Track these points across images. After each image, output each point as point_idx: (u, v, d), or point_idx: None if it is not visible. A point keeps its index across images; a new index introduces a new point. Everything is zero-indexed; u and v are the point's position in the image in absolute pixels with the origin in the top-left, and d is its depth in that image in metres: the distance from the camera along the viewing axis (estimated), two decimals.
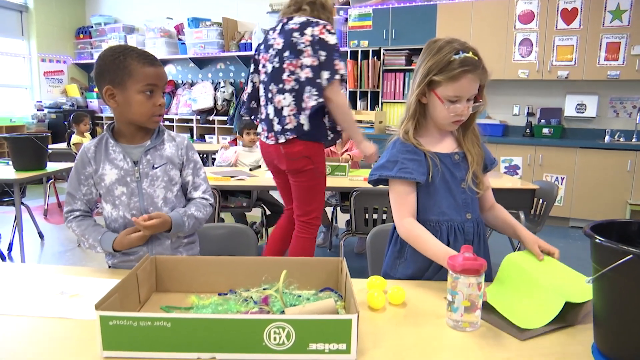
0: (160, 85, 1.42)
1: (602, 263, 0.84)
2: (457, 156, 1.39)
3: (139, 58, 1.38)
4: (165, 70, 1.47)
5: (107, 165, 1.44)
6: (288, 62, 2.33)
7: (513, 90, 5.30)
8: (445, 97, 1.30)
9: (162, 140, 1.50)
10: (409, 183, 1.34)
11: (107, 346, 0.90)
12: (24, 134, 3.64)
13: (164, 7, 7.38)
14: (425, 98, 1.35)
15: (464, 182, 1.37)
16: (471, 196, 1.38)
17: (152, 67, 1.39)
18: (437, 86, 1.30)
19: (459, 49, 1.28)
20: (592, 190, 4.58)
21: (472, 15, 5.01)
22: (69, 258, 3.75)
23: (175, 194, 1.50)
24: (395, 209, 1.36)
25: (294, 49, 2.32)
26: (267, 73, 2.44)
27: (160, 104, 1.42)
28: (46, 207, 5.14)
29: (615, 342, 0.88)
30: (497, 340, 0.99)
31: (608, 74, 4.58)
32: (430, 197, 1.36)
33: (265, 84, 2.46)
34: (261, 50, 2.51)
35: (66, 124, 6.57)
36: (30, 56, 7.56)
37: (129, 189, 1.44)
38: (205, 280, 1.22)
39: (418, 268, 1.38)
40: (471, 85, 1.29)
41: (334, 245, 4.02)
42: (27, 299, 1.18)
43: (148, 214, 1.41)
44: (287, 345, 0.88)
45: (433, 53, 1.32)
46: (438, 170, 1.35)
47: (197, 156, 1.58)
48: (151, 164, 1.45)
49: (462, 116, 1.32)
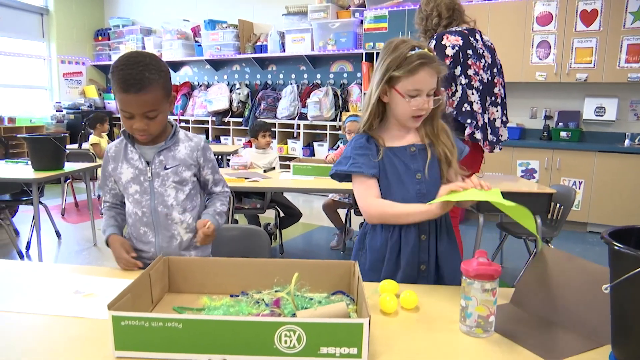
0: (137, 113, 1.37)
1: (621, 270, 0.82)
2: (414, 148, 1.44)
3: (117, 81, 1.34)
4: (150, 94, 1.36)
5: (124, 164, 1.51)
6: (497, 77, 2.62)
7: (530, 93, 5.23)
8: (405, 92, 1.36)
9: (176, 142, 1.53)
10: (366, 175, 1.41)
11: (119, 346, 0.90)
12: (43, 135, 3.70)
13: (181, 10, 7.46)
14: (386, 97, 1.41)
15: (420, 173, 1.41)
16: (430, 186, 1.40)
17: (124, 94, 1.34)
18: (397, 82, 1.37)
19: (414, 45, 1.36)
20: (611, 195, 4.50)
21: (489, 17, 4.96)
22: (85, 257, 3.79)
23: (186, 193, 1.54)
24: (360, 197, 1.44)
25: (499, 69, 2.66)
26: (483, 82, 2.55)
27: (136, 127, 1.39)
28: (64, 207, 5.22)
29: (634, 350, 0.85)
30: (511, 347, 0.97)
31: (629, 77, 4.49)
32: (385, 189, 1.42)
33: (482, 93, 2.55)
34: (470, 55, 2.53)
35: (84, 124, 6.67)
36: (50, 58, 7.70)
37: (142, 187, 1.51)
38: (217, 282, 1.23)
39: (375, 258, 1.44)
40: (429, 78, 1.36)
41: (347, 247, 4.01)
42: (43, 298, 1.19)
43: (157, 212, 1.50)
44: (297, 348, 0.88)
45: (390, 51, 1.39)
46: (387, 163, 1.41)
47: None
48: (163, 165, 1.50)
49: (423, 110, 1.38)
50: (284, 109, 6.34)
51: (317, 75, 6.52)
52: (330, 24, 5.94)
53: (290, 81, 6.69)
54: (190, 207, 1.55)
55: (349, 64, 6.26)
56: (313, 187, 3.21)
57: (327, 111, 6.03)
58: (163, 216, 1.52)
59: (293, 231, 4.41)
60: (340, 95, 6.14)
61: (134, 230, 1.56)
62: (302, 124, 6.28)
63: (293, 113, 6.32)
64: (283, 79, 6.78)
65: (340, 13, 6.03)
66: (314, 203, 5.24)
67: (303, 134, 6.31)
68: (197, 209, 1.59)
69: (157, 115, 1.41)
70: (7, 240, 3.94)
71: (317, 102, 6.04)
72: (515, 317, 1.11)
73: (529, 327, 1.05)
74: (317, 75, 6.51)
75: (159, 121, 1.44)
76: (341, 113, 6.05)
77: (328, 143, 6.12)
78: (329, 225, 4.25)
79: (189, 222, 1.55)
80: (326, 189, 3.17)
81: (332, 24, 5.93)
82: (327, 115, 6.04)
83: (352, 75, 6.24)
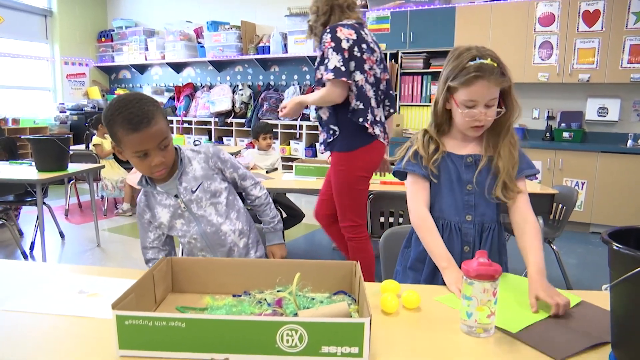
0: (152, 146, 1.36)
1: (620, 270, 0.83)
2: (470, 159, 1.41)
3: (123, 124, 1.31)
4: (158, 125, 1.34)
5: (158, 208, 1.53)
6: (384, 74, 2.56)
7: (533, 94, 5.23)
8: (461, 102, 1.34)
9: (188, 162, 1.53)
10: (421, 176, 1.42)
11: (123, 345, 0.91)
12: (47, 136, 3.72)
13: (183, 11, 7.48)
14: (449, 104, 1.40)
15: (471, 184, 1.40)
16: (479, 199, 1.40)
17: (136, 133, 1.31)
18: (454, 91, 1.35)
19: (476, 55, 1.31)
20: (614, 196, 4.49)
21: (492, 17, 4.97)
22: (89, 258, 3.81)
23: (224, 202, 1.56)
24: (409, 198, 1.45)
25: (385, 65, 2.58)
26: (376, 77, 2.49)
27: (156, 163, 1.38)
28: (67, 207, 5.24)
29: (634, 351, 0.86)
30: (512, 347, 0.98)
31: (631, 77, 4.49)
32: (435, 193, 1.43)
33: (376, 87, 2.49)
34: (364, 50, 2.40)
35: (87, 125, 6.69)
36: (54, 59, 7.73)
37: (185, 219, 1.53)
38: (220, 282, 1.23)
39: (418, 258, 1.46)
40: (486, 90, 1.31)
41: None
42: (47, 298, 1.20)
43: (207, 233, 1.54)
44: (299, 347, 0.88)
45: (452, 59, 1.36)
46: (442, 168, 1.42)
47: (226, 154, 1.63)
48: (189, 190, 1.51)
49: (480, 122, 1.34)
50: None
51: None
52: None
53: (292, 82, 6.70)
54: (234, 213, 1.59)
55: None
56: (315, 188, 3.21)
57: None
58: (213, 235, 1.54)
59: (295, 232, 4.42)
60: None
61: (192, 256, 1.59)
62: (304, 124, 6.29)
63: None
64: (285, 79, 6.79)
65: None
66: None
67: (305, 134, 6.32)
68: (241, 211, 1.63)
69: (169, 144, 1.41)
70: (12, 241, 3.96)
71: None
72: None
73: (531, 326, 1.06)
74: None
75: (171, 150, 1.44)
76: None
77: None
78: None
79: (239, 227, 1.58)
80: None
81: None
82: None
83: None
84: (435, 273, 1.40)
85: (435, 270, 1.40)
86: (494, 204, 1.42)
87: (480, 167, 1.39)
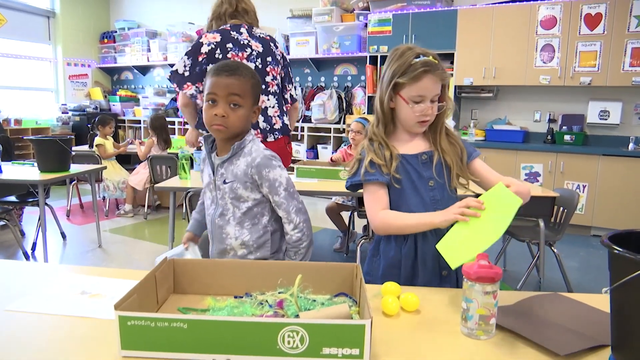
0: (222, 94, 1.40)
1: (620, 273, 0.83)
2: (425, 156, 1.45)
3: (214, 69, 1.43)
4: (239, 81, 1.42)
5: (206, 167, 1.57)
6: (272, 67, 2.62)
7: (534, 97, 5.23)
8: (409, 98, 1.39)
9: (239, 155, 1.49)
10: (378, 182, 1.43)
11: (126, 345, 0.92)
12: (49, 137, 3.72)
13: (185, 13, 7.50)
14: (392, 103, 1.43)
15: (432, 180, 1.44)
16: (443, 193, 1.43)
17: (217, 77, 1.41)
18: (402, 88, 1.39)
19: (419, 52, 1.38)
20: (615, 199, 4.49)
21: (494, 20, 4.98)
22: (90, 258, 3.82)
23: (244, 211, 1.50)
24: (369, 208, 1.45)
25: (274, 58, 2.64)
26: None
27: (217, 112, 1.40)
28: (69, 208, 5.25)
29: (634, 353, 0.86)
30: (512, 349, 0.98)
31: (633, 80, 4.49)
32: (399, 196, 1.43)
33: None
34: (230, 48, 2.51)
35: (89, 126, 6.71)
36: (56, 60, 7.75)
37: (212, 195, 1.56)
38: (222, 283, 1.24)
39: (390, 264, 1.46)
40: (433, 85, 1.38)
41: (350, 250, 4.02)
42: (49, 298, 1.21)
43: (215, 222, 1.54)
44: (300, 349, 0.89)
45: (396, 58, 1.41)
46: (401, 171, 1.43)
47: (275, 173, 1.48)
48: (223, 178, 1.50)
49: (427, 116, 1.41)
50: None
51: (321, 78, 6.54)
52: (335, 27, 5.96)
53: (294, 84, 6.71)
54: (249, 224, 1.51)
55: (353, 67, 6.28)
56: (317, 190, 3.22)
57: (331, 114, 6.05)
58: (218, 228, 1.53)
59: None
60: (344, 98, 6.16)
61: (206, 228, 1.64)
62: (306, 126, 6.30)
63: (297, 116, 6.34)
64: None
65: (344, 16, 6.06)
66: (317, 205, 5.25)
67: (307, 136, 6.33)
68: (259, 228, 1.52)
69: (239, 108, 1.42)
70: (13, 241, 3.97)
71: (321, 104, 6.06)
72: (518, 317, 1.11)
73: (533, 325, 1.06)
74: (321, 78, 6.53)
75: (239, 116, 1.43)
76: (345, 116, 6.07)
77: (332, 146, 6.13)
78: (332, 228, 4.27)
79: (246, 239, 1.51)
80: (330, 191, 3.18)
81: (337, 27, 5.95)
82: (331, 118, 6.06)
83: (356, 78, 6.26)
84: (413, 274, 1.44)
85: (412, 271, 1.44)
86: (456, 196, 1.47)
87: (435, 163, 1.44)
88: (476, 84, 5.17)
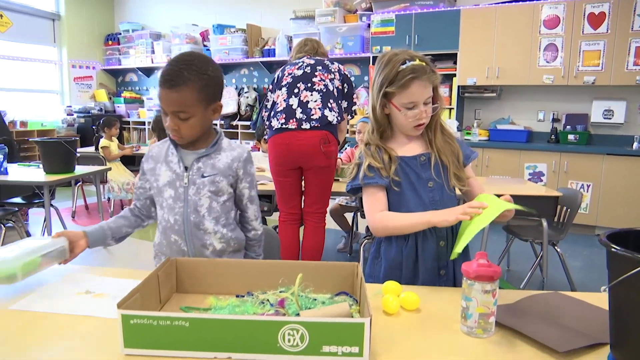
0: (168, 110, 1.37)
1: (618, 272, 0.83)
2: (423, 157, 1.46)
3: (160, 75, 1.38)
4: (181, 94, 1.34)
5: (163, 166, 1.49)
6: (319, 72, 2.81)
7: (538, 96, 5.22)
8: (401, 105, 1.39)
9: (218, 150, 1.50)
10: (376, 185, 1.43)
11: (128, 343, 0.93)
12: (54, 138, 3.76)
13: (189, 14, 7.53)
14: (386, 109, 1.44)
15: (431, 181, 1.44)
16: (442, 194, 1.44)
17: (161, 88, 1.37)
18: (392, 96, 1.39)
19: (405, 58, 1.37)
20: (619, 198, 4.47)
21: (497, 20, 4.97)
22: (95, 259, 3.84)
23: (221, 204, 1.49)
24: (368, 210, 1.45)
25: (325, 68, 2.85)
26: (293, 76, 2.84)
27: (168, 126, 1.39)
28: (74, 209, 5.28)
29: (632, 352, 0.87)
30: (511, 347, 0.99)
31: (637, 79, 4.48)
32: (399, 198, 1.44)
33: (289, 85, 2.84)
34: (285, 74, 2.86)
35: (94, 128, 6.74)
36: (61, 62, 7.80)
37: (176, 193, 1.48)
38: (223, 282, 1.25)
39: (391, 266, 1.46)
40: (422, 90, 1.37)
41: (354, 250, 4.02)
42: (54, 298, 1.23)
43: (189, 220, 1.47)
44: (301, 347, 0.90)
45: (383, 66, 1.41)
46: (400, 173, 1.43)
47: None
48: (201, 172, 1.47)
49: (421, 120, 1.40)
50: None
51: None
52: (338, 28, 5.97)
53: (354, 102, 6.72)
54: (224, 219, 1.51)
55: (357, 67, 6.28)
56: None
57: None
58: (195, 225, 1.47)
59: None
60: None
61: (164, 238, 1.52)
62: None
63: None
64: None
65: (347, 17, 6.06)
66: None
67: None
68: (231, 223, 1.54)
69: (189, 119, 1.38)
70: None
71: None
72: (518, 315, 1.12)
73: (532, 323, 1.06)
74: None
75: (192, 125, 1.39)
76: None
77: None
78: (335, 228, 4.27)
79: (223, 232, 1.50)
80: (333, 191, 3.18)
81: (340, 28, 5.96)
82: None
83: (360, 78, 6.27)
84: (414, 274, 1.44)
85: (414, 272, 1.44)
86: (455, 195, 1.47)
87: (433, 164, 1.44)
88: (479, 83, 5.16)
